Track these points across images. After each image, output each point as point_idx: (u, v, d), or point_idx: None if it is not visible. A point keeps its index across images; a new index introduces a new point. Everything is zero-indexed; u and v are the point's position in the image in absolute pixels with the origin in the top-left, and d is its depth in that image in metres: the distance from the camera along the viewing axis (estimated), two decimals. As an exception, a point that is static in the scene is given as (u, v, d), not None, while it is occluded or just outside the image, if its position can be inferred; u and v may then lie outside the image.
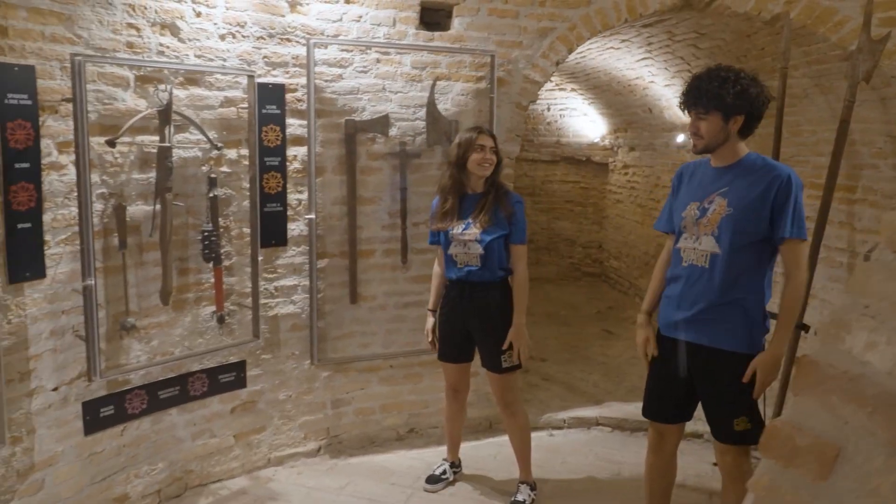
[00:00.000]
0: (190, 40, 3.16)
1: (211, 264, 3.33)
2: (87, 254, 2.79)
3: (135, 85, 3.01)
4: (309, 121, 3.54)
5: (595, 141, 7.92)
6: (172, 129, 3.06)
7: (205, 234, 3.24)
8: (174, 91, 3.08)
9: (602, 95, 6.99)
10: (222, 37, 3.26)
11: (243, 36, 3.33)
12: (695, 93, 2.52)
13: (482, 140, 3.20)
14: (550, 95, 7.78)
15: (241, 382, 3.58)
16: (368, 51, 3.67)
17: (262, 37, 3.39)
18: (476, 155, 3.18)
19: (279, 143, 3.51)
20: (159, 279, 3.19)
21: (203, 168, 3.30)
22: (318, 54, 3.53)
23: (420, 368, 4.09)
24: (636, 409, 4.46)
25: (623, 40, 4.98)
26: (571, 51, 3.98)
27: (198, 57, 3.20)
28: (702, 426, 4.24)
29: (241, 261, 3.49)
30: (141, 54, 3.00)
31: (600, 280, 8.22)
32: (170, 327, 3.29)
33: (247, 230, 3.47)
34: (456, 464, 3.70)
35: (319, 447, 3.90)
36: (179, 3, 3.10)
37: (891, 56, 3.49)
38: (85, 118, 2.69)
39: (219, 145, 3.27)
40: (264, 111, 3.41)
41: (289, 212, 3.61)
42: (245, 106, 3.37)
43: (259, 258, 3.45)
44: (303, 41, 3.49)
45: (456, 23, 3.81)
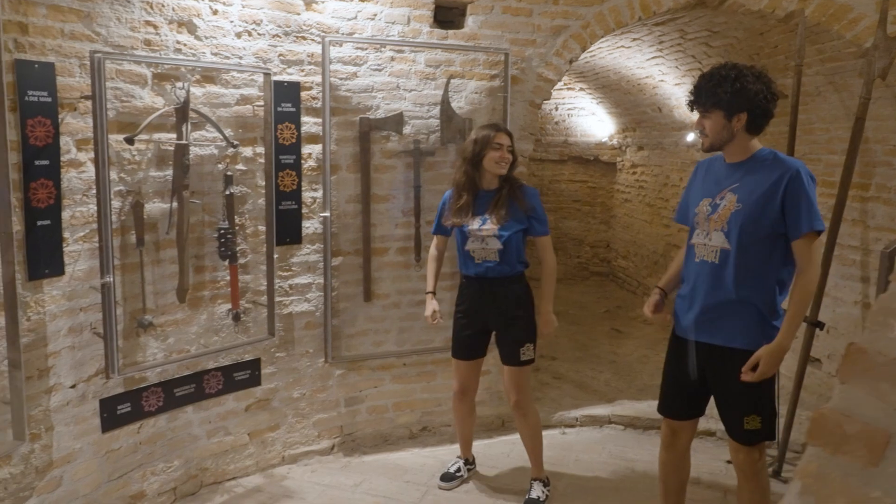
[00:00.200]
0: (207, 38, 3.16)
1: (226, 262, 3.33)
2: (106, 251, 2.79)
3: (152, 82, 3.01)
4: (324, 119, 3.54)
5: (603, 140, 7.92)
6: (189, 127, 3.06)
7: (221, 232, 3.25)
8: (191, 89, 3.09)
9: (611, 95, 6.99)
10: (238, 35, 3.27)
11: (259, 34, 3.33)
12: (696, 92, 2.56)
13: (500, 138, 3.20)
14: (559, 95, 7.77)
15: (256, 380, 3.59)
16: (383, 49, 3.67)
17: (278, 35, 3.39)
18: (493, 153, 3.18)
19: (294, 141, 3.51)
20: (176, 277, 3.20)
21: (219, 166, 3.31)
22: (333, 52, 3.53)
23: (433, 367, 4.09)
24: (648, 408, 4.50)
25: (634, 39, 4.98)
26: (585, 49, 3.99)
27: (214, 55, 3.20)
28: (714, 424, 4.26)
29: (257, 258, 3.50)
30: (158, 52, 3.01)
31: (608, 279, 8.21)
32: (186, 325, 3.29)
33: (262, 228, 3.48)
34: (470, 461, 3.70)
35: (333, 445, 3.90)
36: (196, 1, 3.10)
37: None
38: (104, 115, 2.70)
39: (235, 143, 3.27)
40: (280, 109, 3.42)
41: (303, 210, 3.62)
42: (261, 104, 3.38)
43: (274, 256, 3.45)
44: (318, 39, 3.49)
45: (470, 21, 3.81)
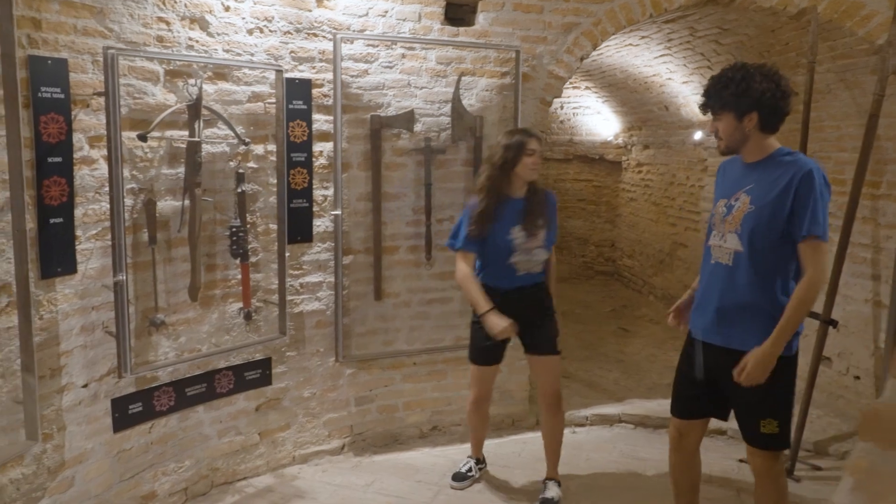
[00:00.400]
0: (219, 35, 3.14)
1: (238, 260, 3.31)
2: (119, 249, 2.77)
3: (164, 79, 2.99)
4: (335, 116, 3.52)
5: (608, 139, 7.90)
6: (202, 124, 3.04)
7: (233, 230, 3.22)
8: (203, 86, 3.06)
9: (617, 93, 6.97)
10: (250, 31, 3.25)
11: (270, 31, 3.31)
12: (706, 95, 2.55)
13: (533, 144, 3.17)
14: (564, 93, 7.73)
15: (267, 380, 3.56)
16: (394, 46, 3.65)
17: (289, 31, 3.37)
18: (527, 159, 3.15)
19: (305, 139, 3.49)
20: (187, 275, 3.17)
21: (230, 163, 3.28)
22: (344, 49, 3.51)
23: (443, 366, 4.07)
24: (658, 406, 4.49)
25: (643, 37, 4.97)
26: (596, 46, 3.97)
27: (226, 51, 3.18)
28: (725, 423, 4.24)
29: (268, 257, 3.48)
30: (171, 48, 2.98)
31: (613, 278, 8.20)
32: (197, 324, 3.27)
33: (273, 226, 3.45)
34: (480, 460, 3.68)
35: (343, 445, 3.88)
36: (208, -3, 3.09)
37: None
38: (118, 112, 2.67)
39: (246, 141, 3.25)
40: (291, 106, 3.39)
41: (314, 208, 3.60)
42: (272, 101, 3.35)
43: (286, 254, 3.43)
44: (329, 36, 3.47)
45: (480, 18, 3.79)
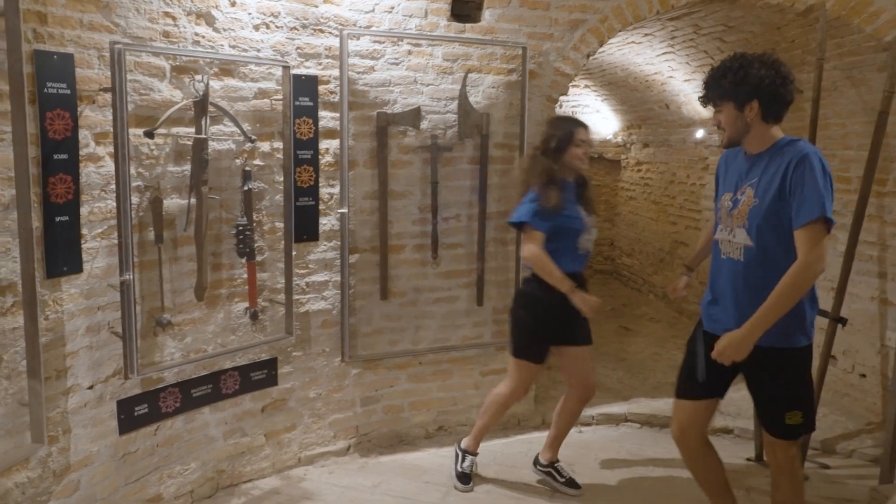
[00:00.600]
0: (225, 30, 3.09)
1: (244, 259, 3.26)
2: (126, 248, 2.71)
3: (170, 75, 2.94)
4: (342, 113, 3.48)
5: (607, 138, 7.89)
6: (208, 121, 2.99)
7: (239, 229, 3.17)
8: (209, 82, 3.01)
9: (617, 92, 6.96)
10: (256, 27, 3.20)
11: (277, 26, 3.26)
12: (705, 87, 2.51)
13: (583, 134, 3.16)
14: (562, 92, 7.74)
15: (273, 380, 3.51)
16: (400, 42, 3.61)
17: (296, 27, 3.32)
18: (577, 150, 3.13)
19: (311, 136, 3.45)
20: (193, 274, 3.12)
21: (237, 161, 3.23)
22: (351, 46, 3.47)
23: (449, 365, 4.03)
24: (664, 405, 4.47)
25: (646, 34, 4.95)
26: (603, 43, 3.94)
27: (232, 47, 3.13)
28: (731, 421, 4.24)
29: (274, 256, 3.43)
30: (177, 44, 2.93)
31: (612, 277, 8.18)
32: (203, 324, 3.22)
33: (279, 224, 3.41)
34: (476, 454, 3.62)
35: (349, 446, 3.83)
36: (215, -8, 3.04)
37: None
38: (125, 108, 2.62)
39: (252, 138, 3.20)
40: (297, 103, 3.35)
41: (320, 206, 3.55)
42: (278, 98, 3.31)
43: (293, 253, 3.38)
44: (335, 32, 3.43)
45: (487, 14, 3.75)
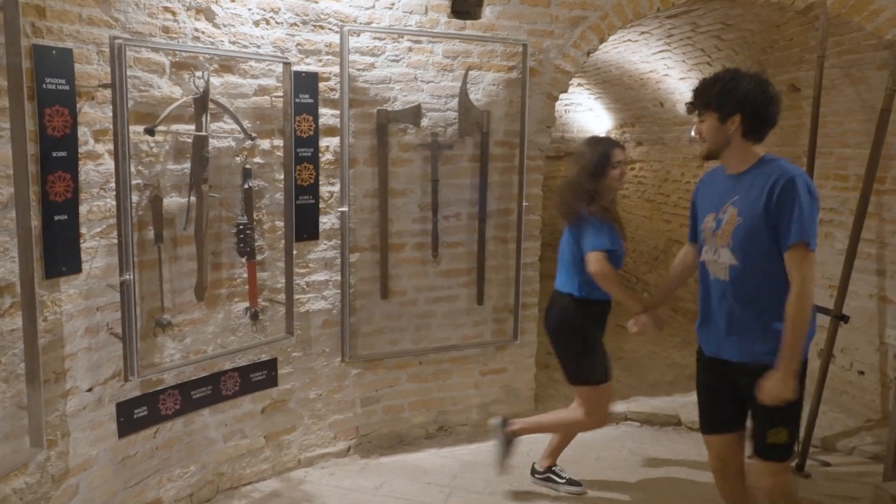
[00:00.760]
0: (225, 26, 3.04)
1: (244, 259, 3.21)
2: (126, 247, 2.66)
3: (170, 71, 2.89)
4: (342, 110, 3.44)
5: (600, 136, 7.88)
6: (209, 118, 2.94)
7: (240, 228, 3.12)
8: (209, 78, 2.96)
9: (610, 90, 6.95)
10: (256, 23, 3.15)
11: (277, 22, 3.22)
12: (693, 95, 2.50)
13: (619, 155, 3.12)
14: (554, 90, 7.72)
15: (273, 381, 3.47)
16: (400, 39, 3.58)
17: (296, 23, 3.28)
18: (614, 171, 3.10)
19: (312, 134, 3.40)
20: (192, 274, 3.07)
21: (237, 159, 3.18)
22: (351, 42, 3.42)
23: (449, 365, 4.00)
24: (663, 404, 4.48)
25: (643, 32, 4.94)
26: (603, 41, 3.93)
27: (232, 43, 3.08)
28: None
29: (274, 255, 3.38)
30: (177, 39, 2.88)
31: (605, 276, 8.16)
32: (203, 324, 3.17)
33: (279, 223, 3.36)
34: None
35: (349, 447, 3.79)
36: (215, -13, 2.98)
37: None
38: (125, 105, 2.56)
39: (253, 135, 3.15)
40: (297, 100, 3.30)
41: (320, 205, 3.50)
42: (278, 95, 3.26)
43: (293, 252, 3.33)
44: (336, 28, 3.38)
45: (487, 11, 3.72)
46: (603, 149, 3.10)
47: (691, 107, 2.52)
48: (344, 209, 3.51)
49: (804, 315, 2.28)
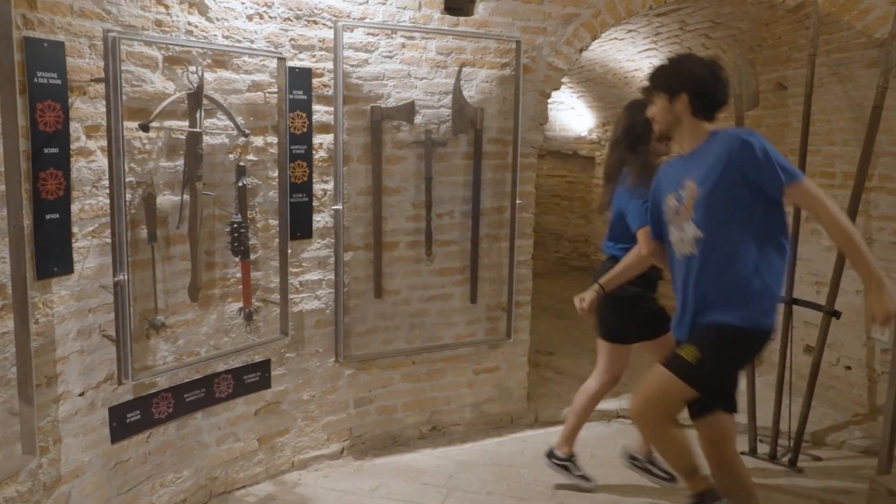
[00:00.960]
0: (218, 20, 2.97)
1: (238, 258, 3.14)
2: (120, 247, 2.58)
3: (163, 66, 2.81)
4: (336, 107, 3.38)
5: (582, 135, 7.90)
6: (203, 114, 2.87)
7: (234, 226, 3.05)
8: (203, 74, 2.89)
9: (594, 88, 6.96)
10: (249, 17, 3.08)
11: (270, 17, 3.15)
12: (647, 79, 2.58)
13: None
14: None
15: (266, 383, 3.40)
16: (394, 35, 3.53)
17: (289, 18, 3.22)
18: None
19: (305, 131, 3.34)
20: (185, 274, 3.00)
21: (230, 156, 3.11)
22: (344, 38, 3.37)
23: (442, 364, 3.97)
24: (655, 401, 4.46)
25: (630, 31, 4.95)
26: (595, 38, 3.92)
27: (226, 38, 3.01)
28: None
29: (267, 254, 3.31)
30: (169, 33, 2.80)
31: (587, 274, 8.19)
32: (196, 325, 3.09)
33: (273, 222, 3.29)
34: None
35: (342, 448, 3.74)
36: (208, -20, 2.91)
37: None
38: (119, 100, 2.48)
39: (246, 132, 3.08)
40: (291, 97, 3.23)
41: (314, 203, 3.45)
42: (272, 91, 3.19)
43: (288, 251, 3.27)
44: (329, 23, 3.33)
45: (480, 7, 3.69)
46: (642, 115, 2.96)
47: (646, 91, 2.58)
48: (338, 207, 3.46)
49: (847, 229, 2.31)
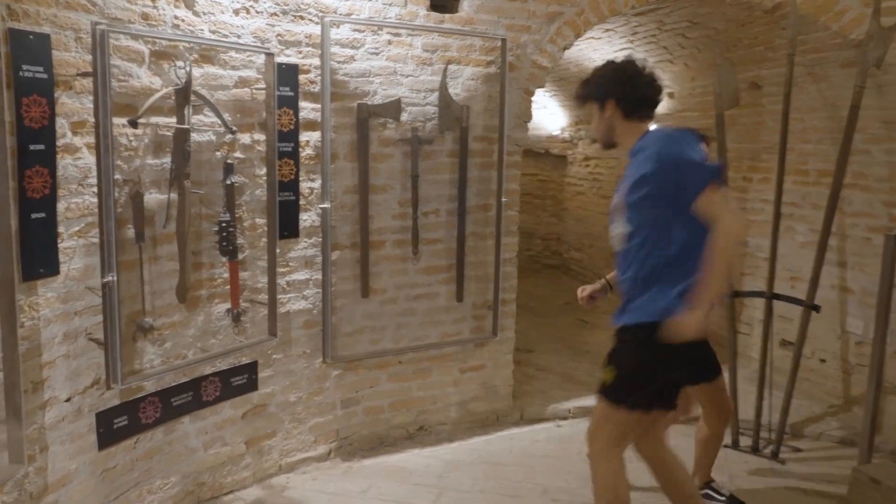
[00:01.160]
0: (205, 14, 2.90)
1: (226, 258, 3.07)
2: (109, 247, 2.49)
3: (149, 61, 2.73)
4: (323, 104, 3.33)
5: (554, 133, 7.95)
6: (191, 110, 2.79)
7: (222, 226, 2.98)
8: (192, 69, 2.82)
9: (567, 87, 7.01)
10: (236, 11, 3.02)
11: (257, 11, 3.09)
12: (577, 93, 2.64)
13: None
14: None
15: (253, 385, 3.34)
16: (380, 32, 3.49)
17: (276, 13, 3.16)
18: None
19: (292, 128, 3.28)
20: (172, 274, 2.92)
21: (217, 154, 3.04)
22: (331, 34, 3.32)
23: (428, 363, 3.94)
24: (636, 397, 4.51)
25: (607, 30, 4.99)
26: (579, 36, 3.93)
27: (212, 32, 2.94)
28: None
29: (254, 254, 3.25)
30: (156, 27, 2.73)
31: (560, 272, 8.26)
32: (183, 327, 3.02)
33: (259, 221, 3.23)
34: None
35: (330, 450, 3.69)
36: (195, -27, 2.84)
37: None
38: (108, 95, 2.40)
39: (234, 129, 3.02)
40: (278, 93, 3.17)
41: (301, 201, 3.39)
42: (259, 87, 3.13)
43: (277, 250, 3.21)
44: (316, 19, 3.28)
45: (465, 5, 3.68)
46: None
47: (579, 106, 2.65)
48: (326, 206, 3.41)
49: (725, 253, 2.24)
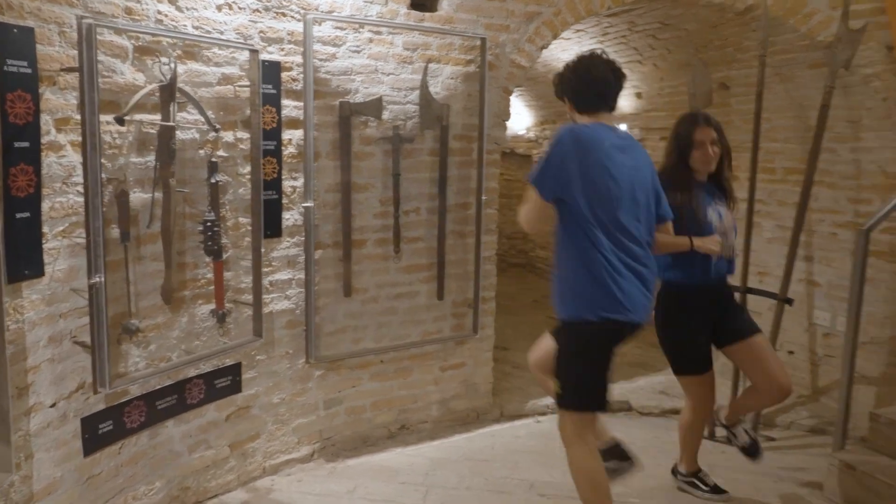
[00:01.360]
0: (188, 9, 2.85)
1: (210, 258, 3.02)
2: (95, 247, 2.42)
3: (133, 56, 2.67)
4: (306, 102, 3.30)
5: (520, 133, 8.00)
6: (176, 108, 2.74)
7: (207, 225, 2.93)
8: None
9: (533, 87, 7.07)
10: (219, 7, 2.97)
11: (240, 8, 3.04)
12: None
13: (701, 134, 2.84)
14: (474, 87, 7.76)
15: (237, 387, 3.29)
16: (361, 29, 3.48)
17: (258, 10, 3.12)
18: (696, 152, 2.86)
19: (275, 126, 3.25)
20: (156, 275, 2.86)
21: (201, 152, 2.99)
22: (313, 31, 3.29)
23: (409, 362, 3.93)
24: (613, 391, 4.58)
25: (577, 31, 5.03)
26: (556, 36, 3.98)
27: (195, 28, 2.89)
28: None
29: (237, 254, 3.20)
30: (140, 22, 2.67)
31: (527, 270, 8.33)
32: (168, 329, 2.95)
33: (243, 220, 3.18)
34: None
35: (313, 451, 3.65)
36: (178, -33, 2.78)
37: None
38: (95, 91, 2.33)
39: (217, 127, 2.97)
40: (261, 91, 3.13)
41: (283, 200, 3.35)
42: (242, 84, 3.09)
43: (262, 250, 3.17)
44: (298, 16, 3.25)
45: (445, 4, 3.69)
46: (683, 128, 2.90)
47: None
48: (309, 204, 3.38)
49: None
